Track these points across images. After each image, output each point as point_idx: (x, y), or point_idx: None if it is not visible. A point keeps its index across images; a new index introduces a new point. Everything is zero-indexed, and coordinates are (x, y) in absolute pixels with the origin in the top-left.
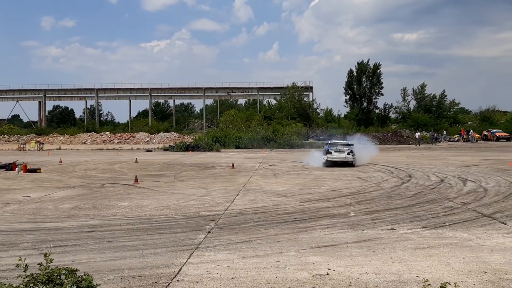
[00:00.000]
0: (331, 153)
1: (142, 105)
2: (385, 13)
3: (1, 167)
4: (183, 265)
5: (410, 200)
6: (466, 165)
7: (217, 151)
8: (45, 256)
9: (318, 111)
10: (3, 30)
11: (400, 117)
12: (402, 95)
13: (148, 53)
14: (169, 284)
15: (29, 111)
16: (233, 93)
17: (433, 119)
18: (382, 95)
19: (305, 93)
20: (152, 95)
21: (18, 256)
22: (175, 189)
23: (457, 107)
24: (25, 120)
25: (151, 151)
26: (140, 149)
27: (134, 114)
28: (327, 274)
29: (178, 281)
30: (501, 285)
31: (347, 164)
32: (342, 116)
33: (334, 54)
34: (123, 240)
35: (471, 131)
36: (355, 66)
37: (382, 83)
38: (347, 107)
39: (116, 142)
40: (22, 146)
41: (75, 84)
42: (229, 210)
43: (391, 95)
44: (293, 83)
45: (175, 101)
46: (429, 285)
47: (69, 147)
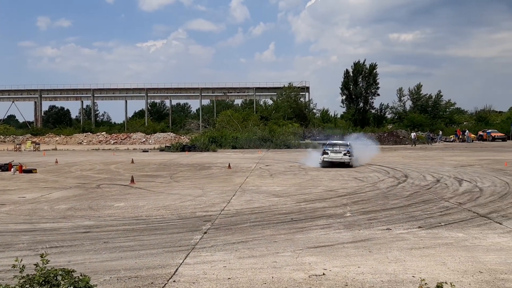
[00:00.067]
0: (328, 154)
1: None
2: (381, 14)
3: None
4: (180, 266)
5: (406, 200)
6: (461, 165)
7: (213, 152)
8: (42, 256)
9: (314, 111)
10: None
11: (396, 117)
12: (398, 95)
13: (144, 53)
14: (165, 284)
15: (25, 112)
16: (229, 93)
17: (429, 119)
18: (378, 95)
19: (301, 93)
20: (148, 95)
21: (13, 257)
22: (172, 190)
23: (453, 107)
24: (21, 120)
25: (147, 151)
26: (136, 150)
27: (130, 114)
28: (324, 274)
29: (174, 281)
30: (496, 284)
31: (344, 165)
32: (338, 116)
33: (330, 54)
34: (119, 240)
35: (467, 131)
36: (352, 66)
37: (378, 83)
38: (344, 107)
39: (112, 142)
40: (17, 146)
41: (71, 84)
42: (225, 210)
43: (387, 96)
44: (290, 83)
45: (171, 101)
46: (426, 284)
47: (65, 147)
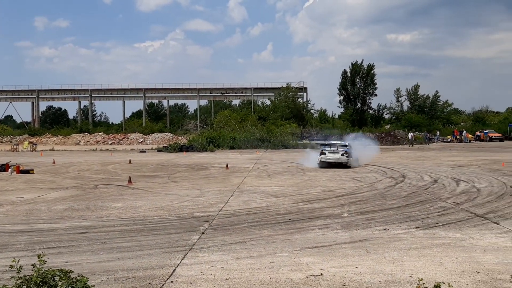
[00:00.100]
0: (325, 154)
1: (136, 105)
2: (379, 14)
3: None
4: (177, 266)
5: (403, 200)
6: (459, 166)
7: (211, 152)
8: (39, 257)
9: (312, 111)
10: None
11: (393, 117)
12: (395, 95)
13: (142, 54)
14: (162, 285)
15: (22, 112)
16: (227, 93)
17: (427, 119)
18: (376, 95)
19: (299, 94)
20: (146, 95)
21: (11, 257)
22: (169, 190)
23: (450, 108)
24: (18, 120)
25: (145, 151)
26: (134, 150)
27: (128, 114)
28: (321, 274)
29: (172, 282)
30: (493, 284)
31: (342, 165)
32: (336, 116)
33: (328, 54)
34: (117, 241)
35: (464, 131)
36: (349, 67)
37: (376, 84)
38: (341, 107)
39: (109, 142)
40: (15, 147)
41: (68, 84)
42: (223, 211)
43: (385, 96)
44: (287, 84)
45: (169, 101)
46: (424, 284)
47: (62, 148)
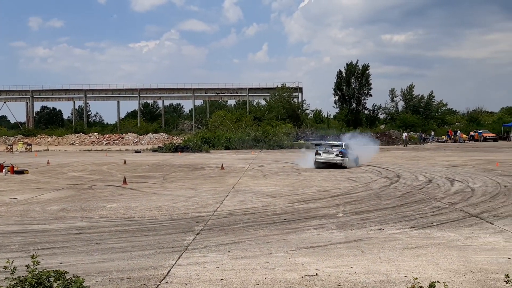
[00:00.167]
0: (320, 154)
1: (130, 106)
2: (373, 15)
3: None
4: (172, 267)
5: (398, 200)
6: (453, 166)
7: (206, 152)
8: (32, 258)
9: (307, 112)
10: None
11: (388, 117)
12: (390, 96)
13: (137, 54)
14: (157, 286)
15: (17, 112)
16: (222, 93)
17: (421, 119)
18: (371, 96)
19: (294, 94)
20: (141, 95)
21: (5, 258)
22: (164, 191)
23: (444, 108)
24: (12, 121)
25: (140, 152)
26: (128, 150)
27: (122, 115)
28: (316, 274)
29: (167, 283)
30: (488, 284)
31: (337, 165)
32: (331, 117)
33: (323, 55)
34: (112, 242)
35: (459, 131)
36: (344, 67)
37: (371, 84)
38: (336, 108)
39: (104, 143)
40: (9, 147)
41: (63, 84)
42: (218, 211)
43: (380, 96)
44: (283, 84)
45: (164, 102)
46: (418, 283)
47: (57, 148)
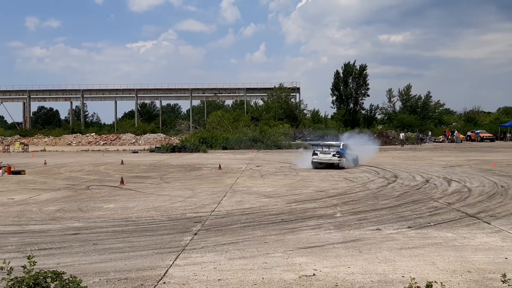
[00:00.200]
0: (317, 154)
1: (128, 106)
2: (371, 15)
3: None
4: (169, 267)
5: (395, 200)
6: (450, 166)
7: (204, 152)
8: (29, 258)
9: (305, 112)
10: None
11: (386, 118)
12: (388, 96)
13: (134, 54)
14: (155, 286)
15: (14, 112)
16: (220, 94)
17: (419, 120)
18: (368, 96)
19: (292, 94)
20: (138, 96)
21: (1, 259)
22: (162, 191)
23: (442, 108)
24: (9, 121)
25: (137, 152)
26: (126, 151)
27: (120, 115)
28: (314, 275)
29: (164, 283)
30: (485, 284)
31: (334, 166)
32: (329, 117)
33: (321, 55)
34: (109, 242)
35: (456, 131)
36: (342, 67)
37: (368, 84)
38: (334, 108)
39: (101, 143)
40: (6, 147)
41: (60, 85)
42: (216, 211)
43: (377, 96)
44: (280, 84)
45: (161, 102)
46: (416, 283)
47: (54, 148)
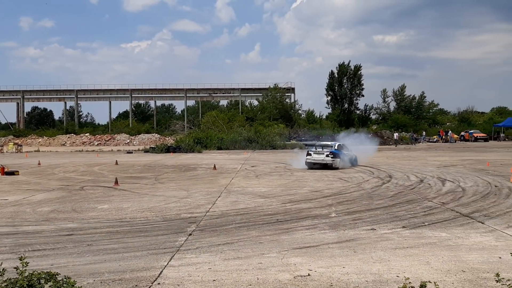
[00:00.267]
0: (310, 155)
1: (122, 106)
2: (365, 15)
3: None
4: (164, 268)
5: (390, 200)
6: (444, 166)
7: (198, 153)
8: (21, 259)
9: (300, 112)
10: None
11: (380, 118)
12: (382, 96)
13: (128, 54)
14: (149, 287)
15: (7, 113)
16: (215, 94)
17: (413, 120)
18: (363, 96)
19: (287, 94)
20: (132, 96)
21: None
22: (156, 191)
23: (436, 108)
24: (3, 121)
25: (132, 152)
26: (120, 151)
27: (114, 115)
28: (309, 275)
29: (159, 284)
30: (479, 283)
31: (327, 166)
32: (324, 117)
33: (315, 55)
34: (103, 243)
35: (450, 131)
36: (336, 67)
37: (362, 85)
38: (329, 108)
39: (96, 144)
40: None
41: (54, 85)
42: (210, 212)
43: (371, 97)
44: (275, 84)
45: (156, 102)
46: (410, 283)
47: (48, 149)
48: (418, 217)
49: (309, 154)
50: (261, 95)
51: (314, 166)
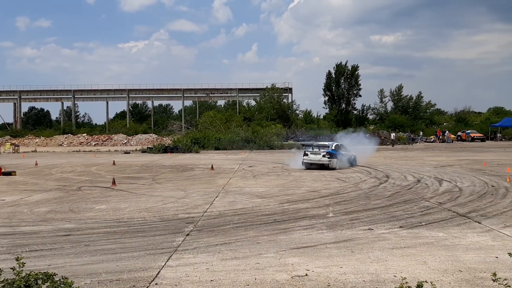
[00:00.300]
0: (307, 155)
1: (119, 106)
2: (363, 15)
3: None
4: (162, 268)
5: (387, 200)
6: (441, 166)
7: (196, 153)
8: (17, 260)
9: (297, 112)
10: None
11: (377, 118)
12: (379, 96)
13: (126, 54)
14: (147, 287)
15: (4, 113)
16: (212, 94)
17: (410, 120)
18: (360, 96)
19: (284, 94)
20: (130, 96)
21: None
22: (154, 192)
23: (433, 108)
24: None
25: (129, 153)
26: (117, 151)
27: (111, 115)
28: (306, 275)
29: (156, 284)
30: (476, 283)
31: (324, 167)
32: (321, 117)
33: (313, 55)
34: (100, 243)
35: (447, 132)
36: (334, 67)
37: (360, 85)
38: (326, 108)
39: (93, 144)
40: None
41: (51, 85)
42: (208, 212)
43: (369, 97)
44: (273, 84)
45: (153, 102)
46: (407, 283)
47: (45, 149)
48: (415, 217)
49: (306, 154)
50: (258, 95)
51: (311, 166)
